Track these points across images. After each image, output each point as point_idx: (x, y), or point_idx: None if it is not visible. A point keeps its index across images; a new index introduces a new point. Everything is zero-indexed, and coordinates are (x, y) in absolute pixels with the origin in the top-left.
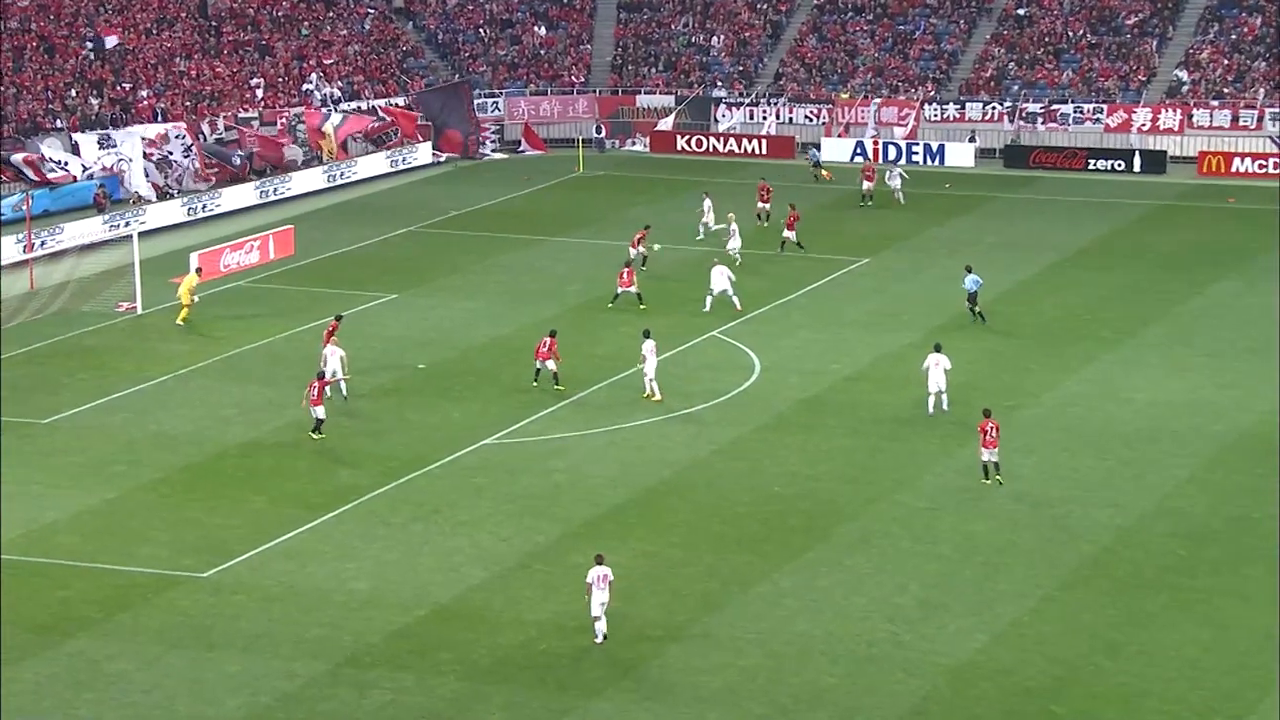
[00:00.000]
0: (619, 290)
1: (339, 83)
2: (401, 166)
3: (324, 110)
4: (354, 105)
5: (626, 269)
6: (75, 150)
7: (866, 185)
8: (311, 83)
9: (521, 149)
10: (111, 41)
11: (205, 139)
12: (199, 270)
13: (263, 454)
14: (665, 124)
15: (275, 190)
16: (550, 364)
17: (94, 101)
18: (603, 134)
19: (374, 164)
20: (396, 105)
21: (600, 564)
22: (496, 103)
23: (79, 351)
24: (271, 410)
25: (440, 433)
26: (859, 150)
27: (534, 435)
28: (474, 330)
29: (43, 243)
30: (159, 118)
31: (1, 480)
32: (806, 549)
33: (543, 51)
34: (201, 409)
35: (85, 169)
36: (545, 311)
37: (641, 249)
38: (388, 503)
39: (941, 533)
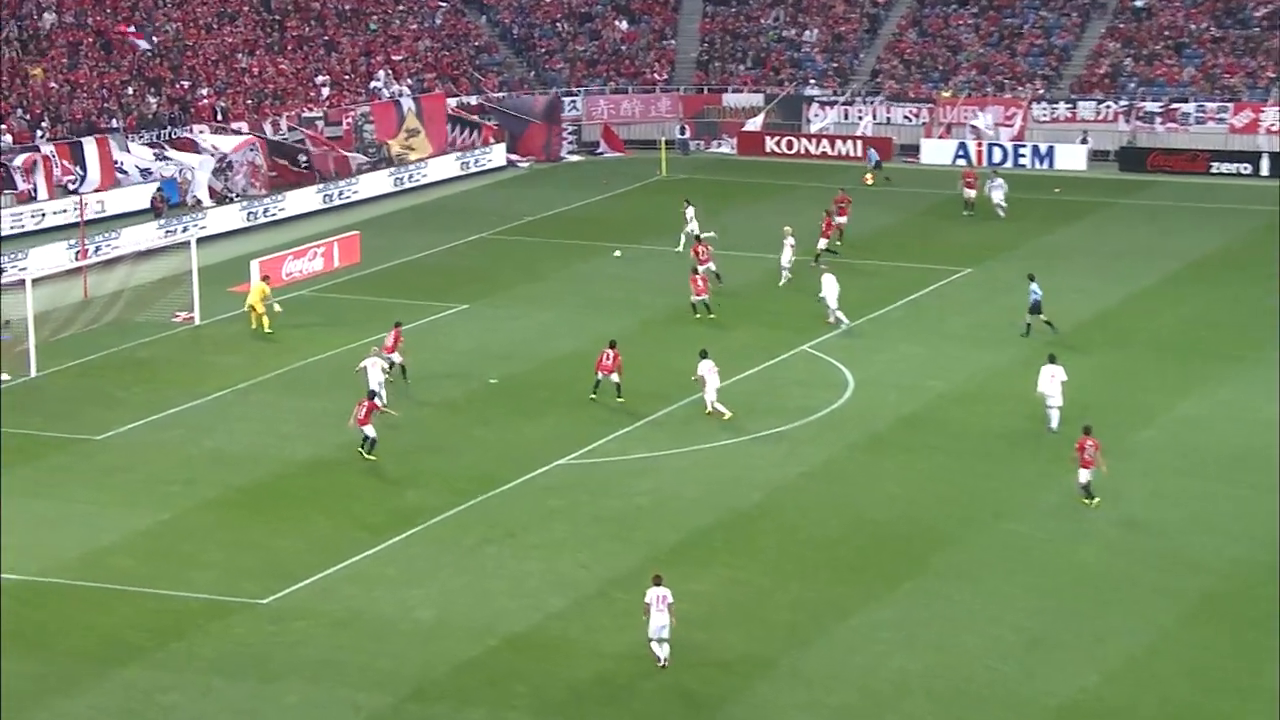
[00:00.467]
0: (694, 298)
1: (408, 80)
2: (473, 169)
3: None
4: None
5: (698, 276)
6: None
7: (968, 193)
8: (379, 80)
9: (600, 151)
10: (143, 45)
11: (268, 138)
12: (266, 278)
13: (325, 473)
14: (754, 124)
15: (340, 194)
16: (614, 376)
17: (151, 100)
18: (687, 135)
19: (444, 167)
20: (468, 105)
21: (659, 585)
22: (574, 102)
23: (134, 364)
24: (335, 426)
25: (513, 451)
26: (960, 153)
27: (613, 455)
28: (550, 342)
29: (97, 249)
30: (218, 117)
31: (47, 500)
32: (904, 579)
33: (624, 47)
34: (261, 425)
35: (142, 170)
36: (624, 323)
37: (711, 265)
38: (457, 525)
39: (1048, 562)
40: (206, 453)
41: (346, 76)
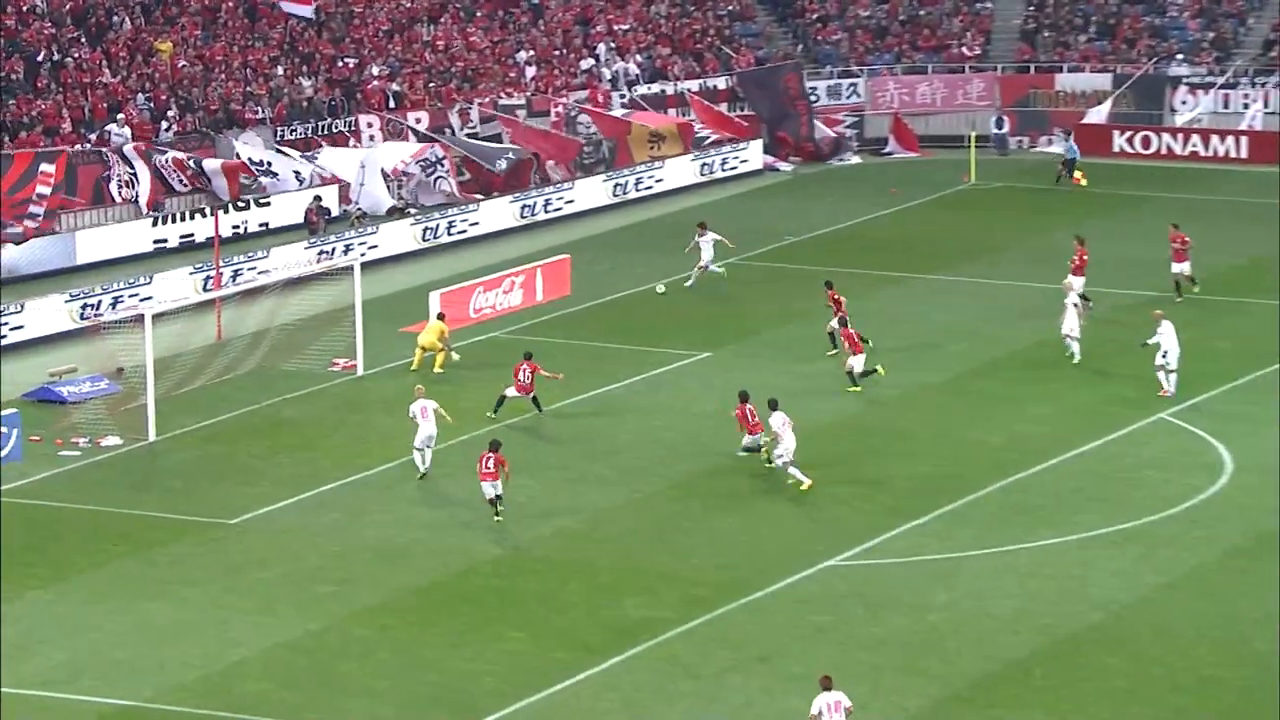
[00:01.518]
0: (848, 364)
1: (636, 57)
2: (718, 174)
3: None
4: (654, 89)
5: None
6: (279, 147)
7: None
8: (598, 57)
9: (888, 150)
10: (298, 12)
11: (454, 133)
12: (442, 316)
13: (523, 572)
14: (1097, 114)
15: (544, 207)
16: (762, 436)
17: (305, 83)
18: (1005, 129)
19: (678, 172)
20: (708, 89)
21: (829, 689)
22: (855, 85)
23: (278, 426)
24: (535, 511)
25: (765, 548)
26: None
27: (899, 555)
28: (815, 403)
29: (235, 276)
30: (390, 104)
31: (162, 602)
32: None
33: (922, 12)
34: (439, 509)
35: (298, 176)
36: (919, 377)
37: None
38: (693, 646)
39: None
40: (368, 544)
41: (557, 53)
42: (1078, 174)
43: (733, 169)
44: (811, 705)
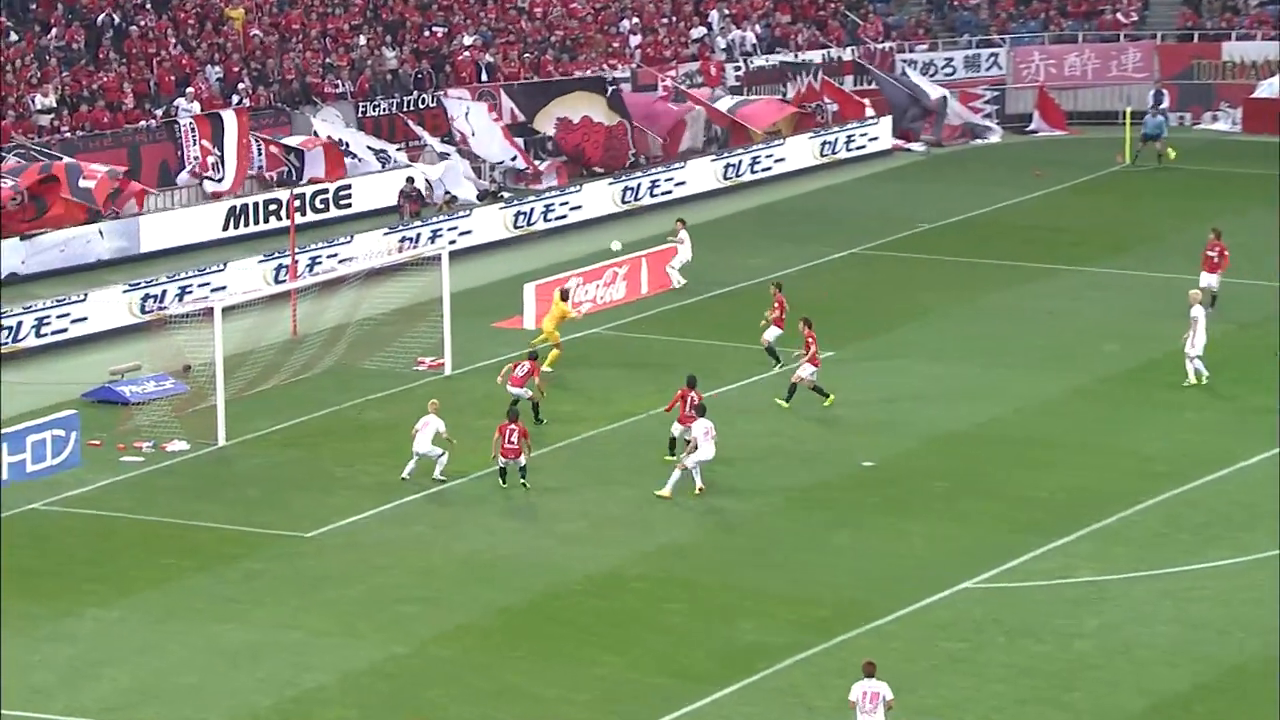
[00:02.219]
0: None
1: (754, 25)
2: (842, 154)
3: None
4: (773, 60)
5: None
6: (362, 125)
7: None
8: (710, 25)
9: (1032, 128)
10: None
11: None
12: (566, 293)
13: (622, 591)
14: (1269, 88)
15: (649, 190)
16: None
17: (389, 54)
18: (1165, 104)
19: (797, 152)
20: (834, 59)
21: (871, 676)
22: (995, 56)
23: (359, 431)
24: (633, 524)
25: (894, 567)
26: None
27: (1043, 577)
28: (947, 408)
29: (311, 266)
30: (484, 76)
31: (234, 624)
32: None
33: None
34: (531, 522)
35: (381, 155)
36: (1065, 380)
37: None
38: (811, 675)
39: None
40: (455, 559)
41: (664, 20)
42: (1171, 151)
43: (859, 149)
44: (850, 692)
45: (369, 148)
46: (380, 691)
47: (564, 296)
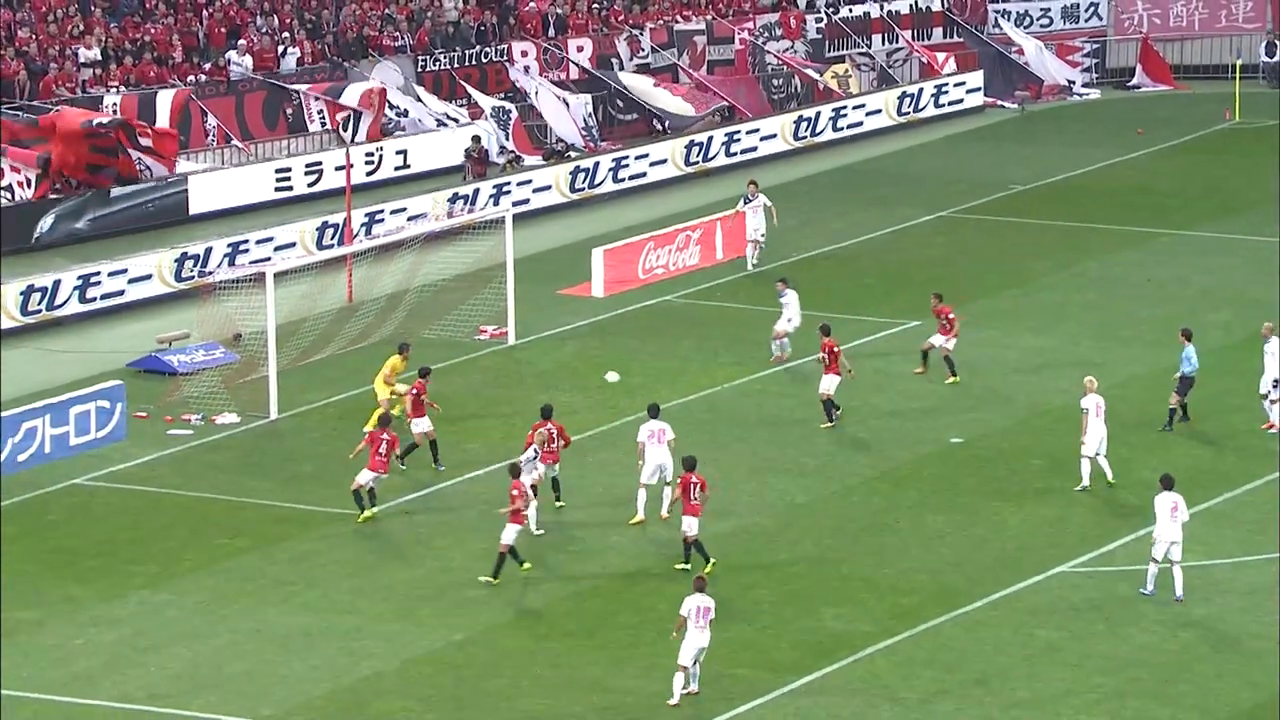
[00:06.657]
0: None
1: None
2: (927, 113)
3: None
4: (858, 10)
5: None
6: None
7: None
8: None
9: (1134, 83)
10: None
11: (623, 67)
12: (405, 347)
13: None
14: None
15: (723, 150)
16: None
17: (450, 5)
18: (1277, 57)
19: (877, 109)
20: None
21: (701, 592)
22: (1095, 6)
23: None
24: (713, 506)
25: (983, 552)
26: None
27: (1144, 561)
28: (1045, 382)
29: (367, 228)
30: (551, 30)
31: (286, 607)
32: None
33: None
34: (601, 503)
35: (438, 117)
36: (1170, 352)
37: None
38: (898, 664)
39: None
40: (521, 542)
41: None
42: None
43: (945, 108)
44: (681, 607)
45: (430, 113)
46: (440, 682)
47: (401, 350)
